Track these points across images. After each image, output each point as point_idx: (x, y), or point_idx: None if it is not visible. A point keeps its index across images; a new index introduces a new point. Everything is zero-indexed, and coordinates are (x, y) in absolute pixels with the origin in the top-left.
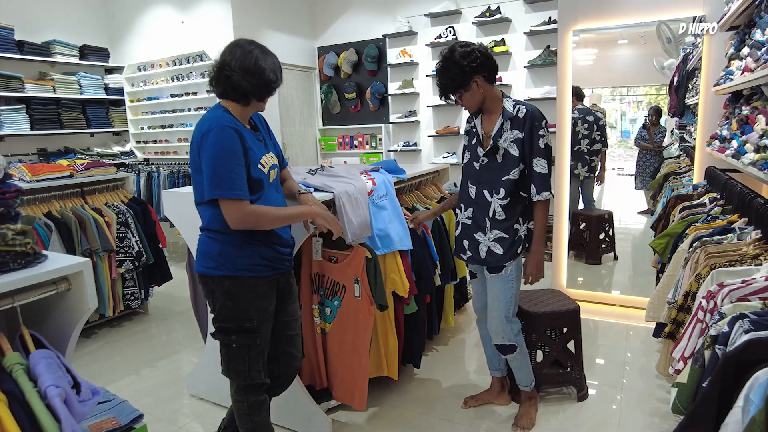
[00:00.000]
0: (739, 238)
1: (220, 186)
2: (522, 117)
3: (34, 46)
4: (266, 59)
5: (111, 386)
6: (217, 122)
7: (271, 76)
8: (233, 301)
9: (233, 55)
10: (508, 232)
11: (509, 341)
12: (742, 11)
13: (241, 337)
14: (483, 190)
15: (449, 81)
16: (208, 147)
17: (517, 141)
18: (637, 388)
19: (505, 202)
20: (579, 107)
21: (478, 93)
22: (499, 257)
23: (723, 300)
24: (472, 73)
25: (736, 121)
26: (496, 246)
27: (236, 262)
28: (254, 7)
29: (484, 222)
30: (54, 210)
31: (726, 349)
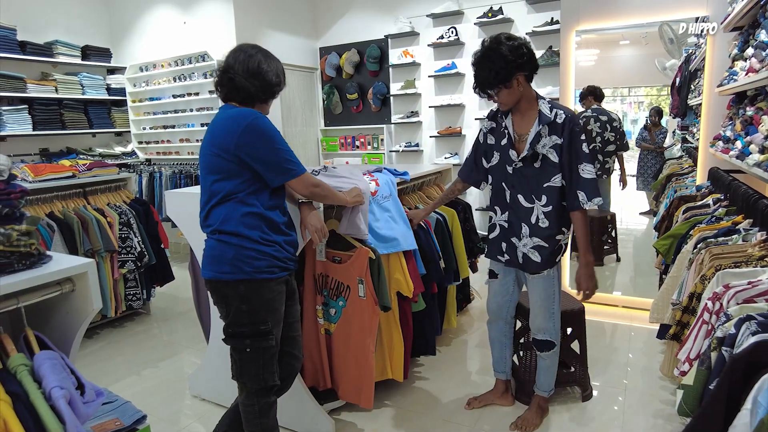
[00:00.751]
0: (744, 240)
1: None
2: (561, 122)
3: (36, 47)
4: (269, 63)
5: (113, 387)
6: (253, 114)
7: (274, 79)
8: (249, 304)
9: (236, 59)
10: (548, 241)
11: (551, 337)
12: (746, 12)
13: (255, 341)
14: (518, 195)
15: (492, 74)
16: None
17: (556, 147)
18: (641, 389)
19: (548, 209)
20: (594, 107)
21: (517, 91)
22: (537, 265)
23: (729, 301)
24: (516, 69)
25: (740, 121)
26: (534, 254)
27: (252, 264)
28: (256, 8)
29: (520, 227)
30: (56, 210)
31: (733, 351)
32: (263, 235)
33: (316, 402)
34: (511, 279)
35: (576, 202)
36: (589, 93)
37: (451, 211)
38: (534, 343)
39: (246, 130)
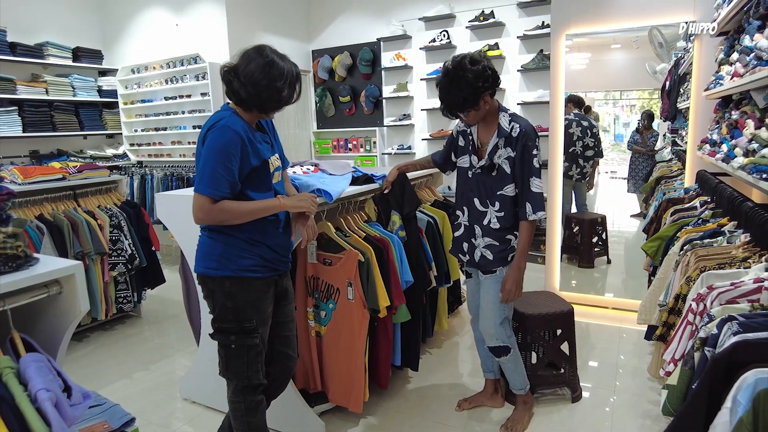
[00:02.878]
0: (728, 241)
1: (200, 181)
2: (516, 136)
3: (26, 48)
4: (272, 74)
5: (103, 390)
6: (220, 121)
7: (273, 95)
8: (233, 301)
9: (244, 60)
10: (500, 240)
11: (502, 342)
12: (731, 17)
13: (240, 338)
14: (474, 198)
15: (461, 101)
16: (205, 145)
17: (509, 159)
18: (630, 390)
19: (500, 214)
20: (575, 112)
21: (484, 109)
22: (489, 262)
23: (712, 302)
24: (482, 91)
25: (726, 125)
26: (487, 252)
27: (238, 262)
28: (249, 10)
29: (474, 229)
30: (46, 213)
31: (715, 351)
32: (250, 236)
33: (307, 404)
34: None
35: (523, 211)
36: (569, 101)
37: (442, 213)
38: (489, 350)
39: (203, 135)
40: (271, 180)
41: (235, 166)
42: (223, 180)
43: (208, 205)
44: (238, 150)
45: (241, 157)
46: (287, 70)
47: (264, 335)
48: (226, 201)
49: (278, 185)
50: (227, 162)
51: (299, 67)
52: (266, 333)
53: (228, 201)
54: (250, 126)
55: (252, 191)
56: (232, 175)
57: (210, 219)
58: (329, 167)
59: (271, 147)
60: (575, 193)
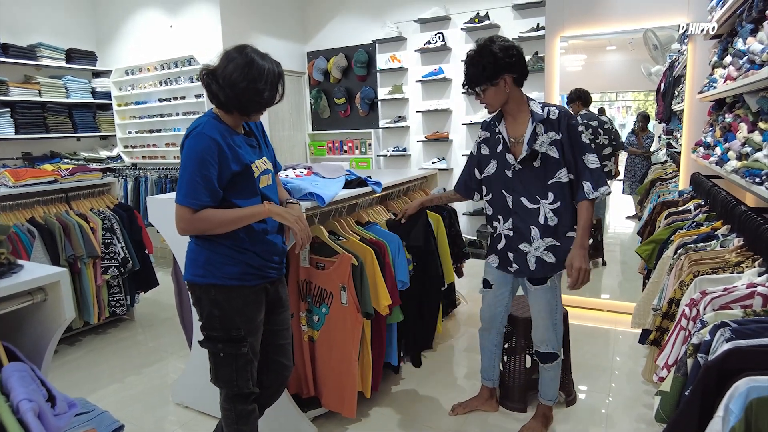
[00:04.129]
0: (722, 245)
1: (179, 191)
2: (556, 118)
3: (19, 49)
4: (251, 75)
5: (94, 395)
6: (196, 129)
7: (253, 96)
8: (220, 309)
9: (223, 62)
10: (560, 239)
11: (553, 349)
12: (725, 20)
13: (228, 347)
14: (521, 198)
15: (480, 70)
16: (183, 152)
17: (556, 143)
18: (625, 394)
19: (556, 206)
20: (582, 113)
21: (503, 92)
22: (552, 266)
23: (705, 308)
24: (504, 68)
25: (719, 128)
26: (548, 255)
27: (224, 270)
28: (243, 11)
29: (529, 231)
30: (37, 216)
31: (708, 357)
32: (237, 242)
33: (299, 409)
34: (507, 290)
35: (581, 192)
36: (576, 97)
37: (437, 217)
38: (537, 355)
39: (181, 143)
40: (258, 184)
41: (213, 173)
42: (202, 189)
43: (189, 216)
44: (215, 156)
45: (220, 164)
46: (268, 70)
47: (254, 344)
48: (208, 210)
49: (268, 189)
50: (204, 170)
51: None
52: (257, 342)
53: (210, 210)
54: (230, 130)
55: (236, 198)
56: (211, 183)
57: (193, 229)
58: (322, 170)
59: (258, 150)
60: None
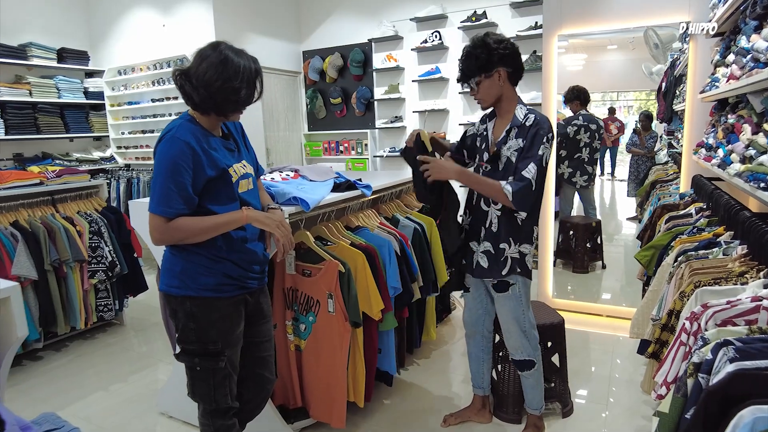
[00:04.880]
0: (724, 253)
1: (152, 200)
2: (529, 125)
3: (9, 49)
4: (226, 73)
5: (79, 402)
6: (168, 133)
7: (228, 96)
8: (196, 322)
9: (197, 61)
10: (494, 247)
11: (528, 356)
12: (727, 17)
13: (204, 360)
14: (481, 197)
15: (473, 61)
16: (156, 158)
17: (519, 150)
18: (624, 404)
19: (499, 214)
20: (582, 113)
21: (497, 86)
22: (482, 270)
23: (707, 322)
24: (499, 61)
25: (721, 129)
26: (483, 258)
27: (199, 281)
28: (237, 10)
29: (479, 231)
30: (22, 219)
31: (709, 377)
32: (214, 251)
33: (284, 421)
34: (482, 291)
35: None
36: (574, 97)
37: (430, 220)
38: (514, 363)
39: (155, 146)
40: (236, 189)
41: (187, 179)
42: (175, 196)
43: (163, 225)
44: (189, 162)
45: (194, 169)
46: (243, 67)
47: (233, 358)
48: (183, 218)
49: (248, 194)
50: (177, 176)
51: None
52: (235, 355)
53: (185, 218)
54: (205, 133)
55: (213, 204)
56: (184, 190)
57: (167, 239)
58: (310, 173)
59: (236, 153)
60: (582, 199)
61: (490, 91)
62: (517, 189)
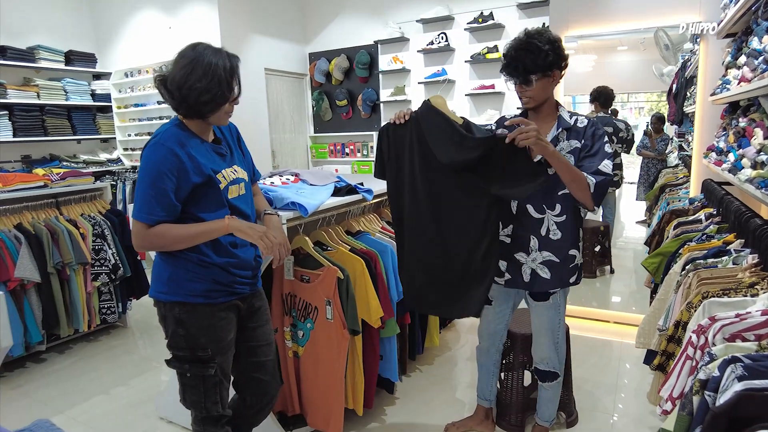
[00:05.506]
0: (734, 262)
1: (135, 205)
2: (582, 126)
3: (17, 52)
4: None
5: (80, 406)
6: (156, 138)
7: (199, 97)
8: (185, 329)
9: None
10: (560, 255)
11: (553, 368)
12: (738, 18)
13: (194, 367)
14: (526, 205)
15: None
16: (140, 164)
17: (575, 151)
18: (631, 414)
19: (561, 219)
20: (599, 115)
21: (551, 87)
22: (544, 282)
23: (715, 336)
24: (560, 60)
25: (733, 133)
26: (544, 270)
27: (187, 287)
28: (242, 12)
29: (528, 240)
30: (25, 222)
31: (716, 396)
32: (202, 257)
33: (282, 429)
34: (508, 306)
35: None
36: (594, 98)
37: None
38: (536, 373)
39: (142, 151)
40: (225, 195)
41: (168, 186)
42: (156, 203)
43: (144, 231)
44: (172, 168)
45: (178, 176)
46: (214, 66)
47: (224, 364)
48: (163, 225)
49: (239, 200)
50: (160, 183)
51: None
52: (227, 362)
53: (165, 225)
54: (193, 138)
55: (201, 211)
56: (166, 197)
57: (147, 245)
58: (310, 177)
59: (228, 157)
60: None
61: (544, 92)
62: (599, 182)
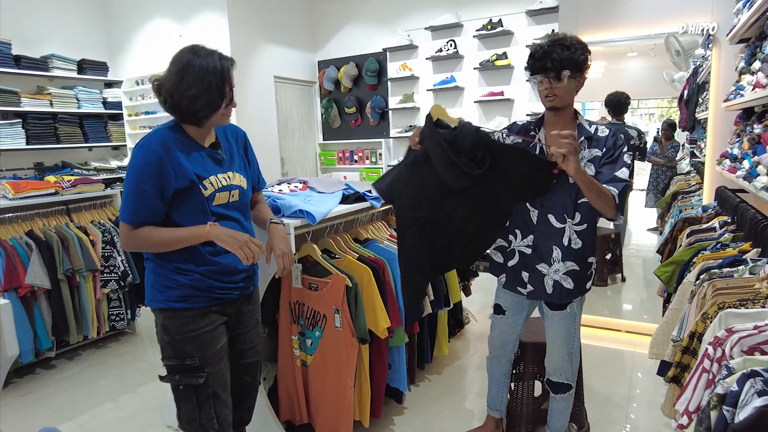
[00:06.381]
0: (751, 272)
1: (121, 206)
2: (603, 136)
3: (31, 61)
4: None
5: (87, 414)
6: (144, 139)
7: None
8: (170, 335)
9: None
10: (581, 264)
11: (566, 380)
12: (752, 23)
13: (185, 377)
14: (548, 214)
15: (574, 54)
16: (128, 165)
17: (595, 160)
18: (644, 426)
19: (581, 228)
20: (611, 122)
21: (575, 91)
22: (569, 293)
23: (732, 349)
24: (586, 62)
25: (747, 139)
26: (567, 280)
27: (167, 293)
28: (252, 20)
29: (550, 251)
30: (37, 228)
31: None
32: (179, 264)
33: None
34: (521, 317)
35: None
36: (607, 104)
37: None
38: (548, 384)
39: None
40: (210, 202)
41: (150, 189)
42: (139, 205)
43: (128, 232)
44: (157, 169)
45: (161, 178)
46: (206, 70)
47: (218, 375)
48: (146, 228)
49: (228, 208)
50: (143, 184)
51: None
52: (221, 374)
53: (148, 228)
54: (186, 141)
55: (180, 217)
56: (149, 199)
57: (132, 246)
58: (318, 184)
59: (225, 163)
60: None
61: (569, 94)
62: (619, 191)
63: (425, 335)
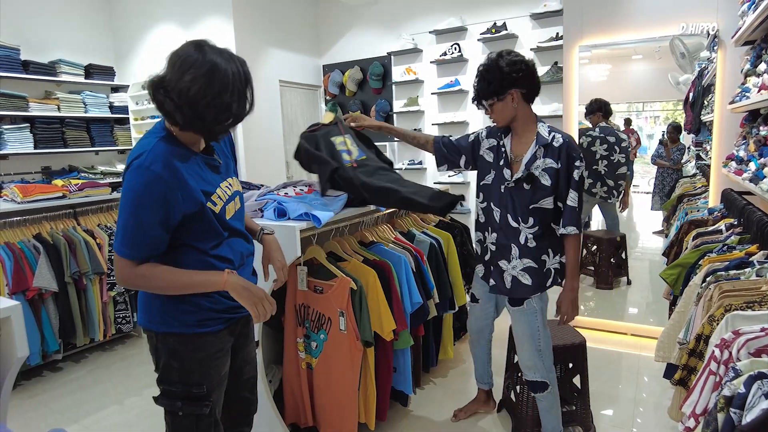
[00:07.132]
0: (758, 274)
1: (116, 237)
2: (558, 146)
3: (39, 66)
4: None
5: (93, 416)
6: (140, 158)
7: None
8: (179, 361)
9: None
10: (537, 261)
11: (541, 377)
12: (758, 25)
13: (188, 405)
14: (507, 215)
15: (486, 84)
16: (122, 189)
17: (550, 170)
18: (650, 429)
19: (534, 230)
20: (602, 125)
21: (511, 107)
22: (526, 288)
23: (739, 351)
24: (510, 84)
25: (753, 141)
26: (525, 276)
27: (181, 317)
28: (257, 25)
29: (509, 249)
30: (44, 232)
31: (742, 413)
32: None
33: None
34: (491, 305)
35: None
36: (597, 109)
37: (447, 235)
38: (527, 384)
39: (124, 172)
40: (223, 218)
41: (154, 218)
42: (140, 237)
43: (128, 269)
44: (161, 195)
45: (167, 206)
46: (233, 75)
47: (218, 402)
48: (151, 267)
49: (236, 219)
50: (144, 215)
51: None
52: (220, 398)
53: (152, 267)
54: (183, 151)
55: (186, 236)
56: (152, 229)
57: (131, 285)
58: None
59: (224, 168)
60: (603, 213)
61: (504, 113)
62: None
63: (430, 338)
